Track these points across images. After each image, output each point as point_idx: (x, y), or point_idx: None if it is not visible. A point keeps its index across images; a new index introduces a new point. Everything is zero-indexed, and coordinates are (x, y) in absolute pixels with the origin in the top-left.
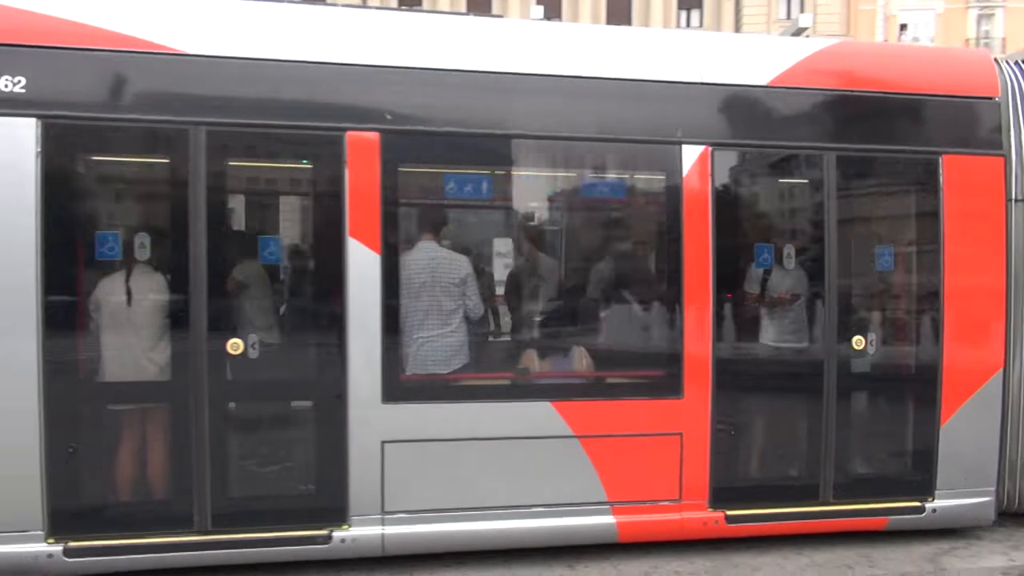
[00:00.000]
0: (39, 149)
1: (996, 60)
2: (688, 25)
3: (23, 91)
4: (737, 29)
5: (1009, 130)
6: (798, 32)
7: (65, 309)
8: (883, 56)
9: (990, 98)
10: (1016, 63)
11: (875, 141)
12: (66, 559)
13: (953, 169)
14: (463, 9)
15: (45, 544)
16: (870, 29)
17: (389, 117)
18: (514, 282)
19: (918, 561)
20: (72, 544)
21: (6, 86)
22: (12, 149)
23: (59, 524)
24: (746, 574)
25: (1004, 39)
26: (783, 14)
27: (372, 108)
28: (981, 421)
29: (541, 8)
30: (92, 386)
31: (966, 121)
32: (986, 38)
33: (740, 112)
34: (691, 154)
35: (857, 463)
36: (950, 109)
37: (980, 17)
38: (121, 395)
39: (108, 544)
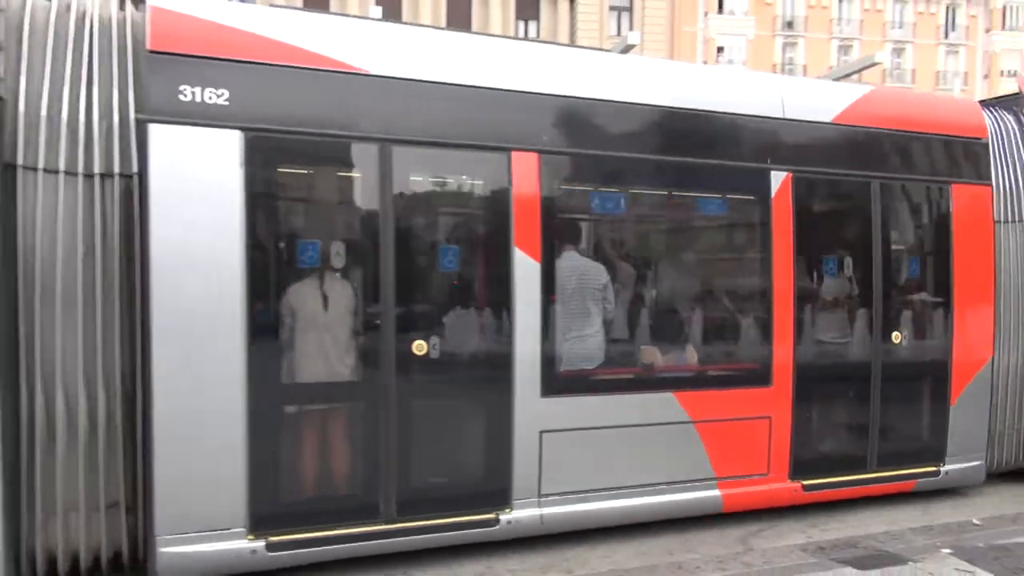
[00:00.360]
0: (243, 159)
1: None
2: (526, 34)
3: (227, 103)
4: (572, 42)
5: (991, 165)
6: (627, 49)
7: (267, 316)
8: (907, 102)
9: (980, 139)
10: (991, 108)
11: (906, 172)
12: (268, 553)
13: (959, 196)
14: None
15: (247, 541)
16: (691, 50)
17: (545, 139)
18: (640, 289)
19: (731, 543)
20: (272, 539)
21: (211, 98)
22: (218, 158)
23: (260, 521)
24: (576, 568)
25: (805, 66)
26: (614, 30)
27: (532, 131)
28: (976, 401)
29: (380, 9)
30: (290, 388)
31: (967, 157)
32: (790, 64)
33: (812, 144)
34: (777, 179)
35: (892, 437)
36: (958, 147)
37: (785, 45)
38: (316, 395)
39: (305, 537)
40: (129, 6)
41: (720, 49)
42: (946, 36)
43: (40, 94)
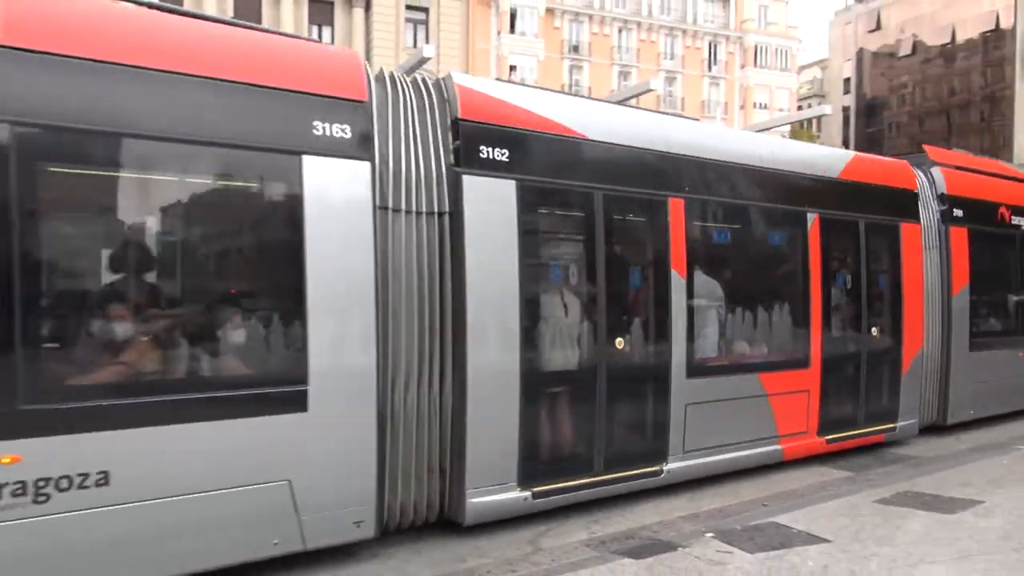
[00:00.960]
0: (517, 201)
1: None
2: (320, 38)
3: (507, 160)
4: (367, 51)
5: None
6: (422, 61)
7: (531, 320)
8: (877, 164)
9: (914, 190)
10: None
11: (877, 213)
12: (534, 500)
13: (905, 231)
14: None
15: (518, 491)
16: (485, 67)
17: (687, 188)
18: (734, 299)
19: (521, 544)
20: (535, 489)
21: (498, 156)
22: (504, 201)
23: (525, 476)
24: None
25: (590, 88)
26: (410, 42)
27: (680, 182)
28: (914, 374)
29: None
30: (544, 375)
31: (906, 203)
32: (576, 86)
33: (832, 194)
34: (810, 219)
35: (872, 400)
36: (904, 195)
37: (572, 68)
38: (558, 380)
39: (553, 487)
40: (439, 87)
41: (512, 68)
42: (709, 69)
43: (394, 157)
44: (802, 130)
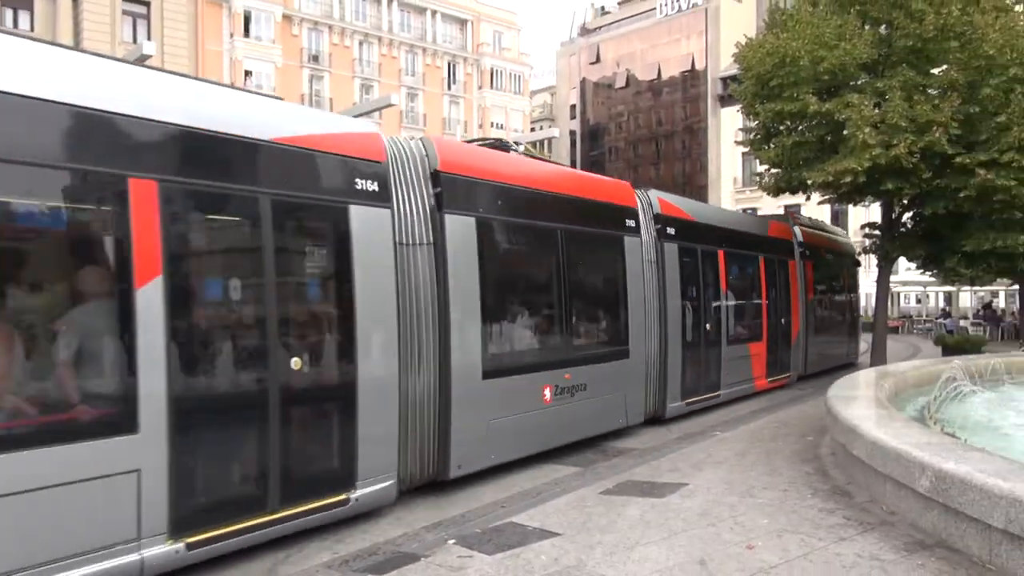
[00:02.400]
0: (476, 232)
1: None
2: (16, 27)
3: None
4: (77, 42)
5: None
6: (141, 59)
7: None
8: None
9: (788, 239)
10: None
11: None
12: (686, 408)
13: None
14: None
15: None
16: (217, 69)
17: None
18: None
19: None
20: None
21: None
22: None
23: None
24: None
25: (331, 99)
26: (128, 37)
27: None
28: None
29: None
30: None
31: (785, 247)
32: (317, 96)
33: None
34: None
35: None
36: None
37: (312, 77)
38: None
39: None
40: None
41: (248, 73)
42: (449, 88)
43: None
44: (534, 150)
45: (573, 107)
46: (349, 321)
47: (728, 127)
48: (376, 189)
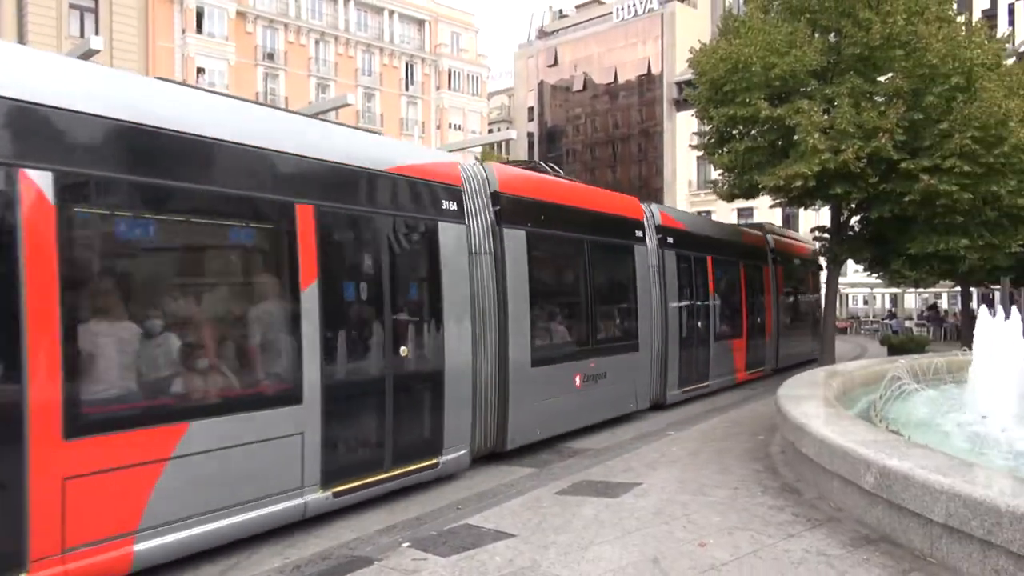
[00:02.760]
0: (526, 244)
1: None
2: None
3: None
4: (21, 36)
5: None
6: (88, 54)
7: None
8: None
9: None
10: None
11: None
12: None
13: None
14: None
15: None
16: (168, 66)
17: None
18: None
19: None
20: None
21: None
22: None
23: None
24: None
25: (287, 98)
26: (76, 31)
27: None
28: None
29: None
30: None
31: (760, 253)
32: (272, 95)
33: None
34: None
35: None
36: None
37: (267, 75)
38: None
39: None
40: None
41: (200, 70)
42: (407, 88)
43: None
44: (492, 152)
45: (531, 109)
46: (440, 317)
47: (683, 131)
48: (456, 209)
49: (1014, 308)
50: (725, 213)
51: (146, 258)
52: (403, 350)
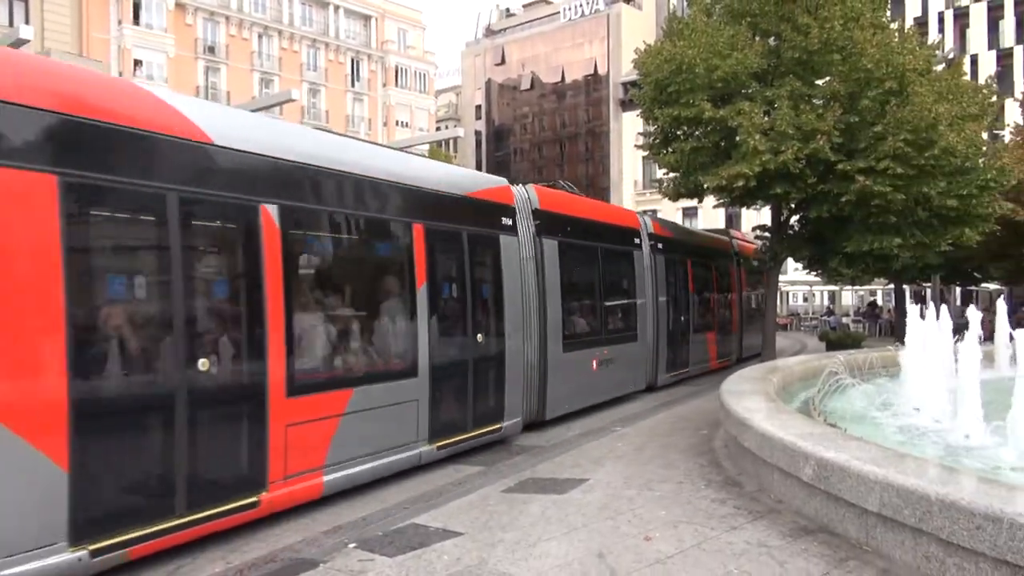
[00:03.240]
0: (557, 250)
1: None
2: None
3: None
4: None
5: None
6: (18, 44)
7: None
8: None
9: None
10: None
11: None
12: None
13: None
14: None
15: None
16: (103, 58)
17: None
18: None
19: None
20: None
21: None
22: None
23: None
24: None
25: (228, 92)
26: (4, 19)
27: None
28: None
29: None
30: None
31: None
32: (213, 89)
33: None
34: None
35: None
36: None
37: (208, 69)
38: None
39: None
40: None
41: (138, 63)
42: (353, 85)
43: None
44: (439, 150)
45: (478, 107)
46: (502, 311)
47: (629, 131)
48: (511, 224)
49: (944, 306)
50: (670, 213)
51: (330, 268)
52: (479, 337)
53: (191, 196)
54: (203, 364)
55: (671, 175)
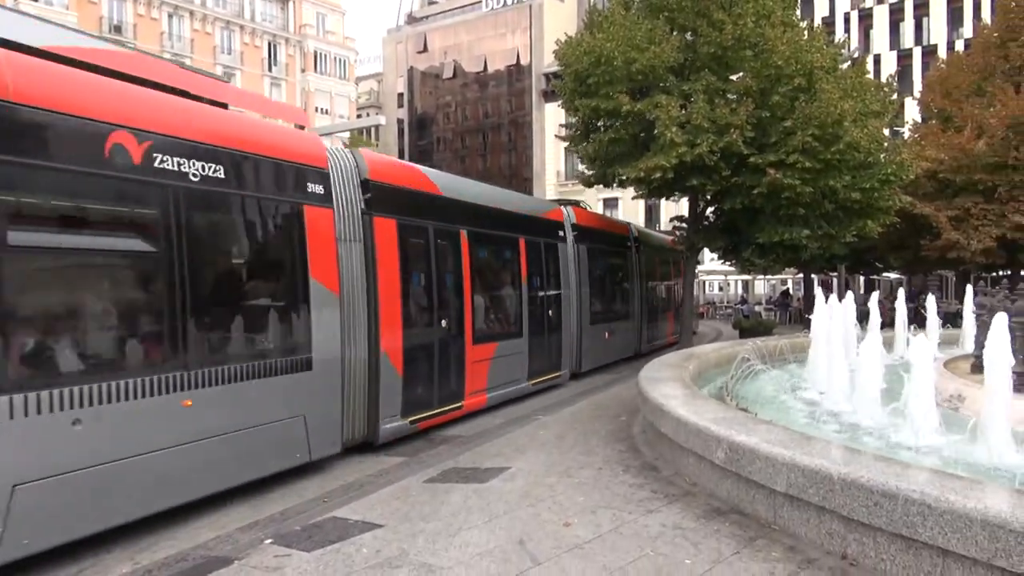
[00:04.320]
0: (398, 232)
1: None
2: None
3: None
4: None
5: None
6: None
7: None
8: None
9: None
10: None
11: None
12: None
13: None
14: None
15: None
16: None
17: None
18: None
19: None
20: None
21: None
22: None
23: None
24: None
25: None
26: None
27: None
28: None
29: None
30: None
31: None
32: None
33: None
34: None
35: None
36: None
37: None
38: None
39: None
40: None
41: None
42: (269, 69)
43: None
44: (360, 138)
45: (400, 95)
46: (559, 291)
47: (551, 122)
48: (562, 234)
49: (849, 292)
50: (592, 203)
51: (485, 267)
52: (550, 313)
53: (437, 228)
54: (444, 323)
55: (589, 170)
